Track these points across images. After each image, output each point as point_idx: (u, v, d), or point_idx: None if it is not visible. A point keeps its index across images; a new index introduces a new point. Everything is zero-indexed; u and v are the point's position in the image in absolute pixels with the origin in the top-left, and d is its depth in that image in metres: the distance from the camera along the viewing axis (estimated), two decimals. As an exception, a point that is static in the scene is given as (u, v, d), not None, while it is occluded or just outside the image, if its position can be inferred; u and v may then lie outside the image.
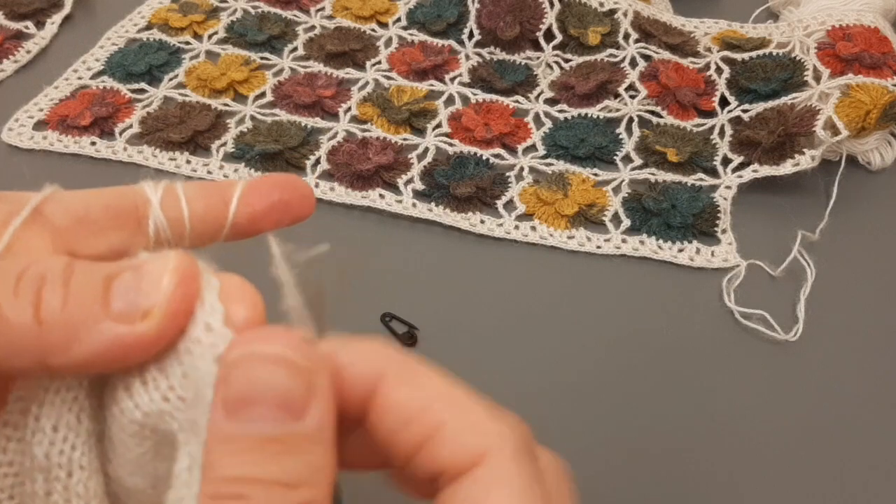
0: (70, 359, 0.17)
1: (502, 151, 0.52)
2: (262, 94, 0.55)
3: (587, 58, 0.57)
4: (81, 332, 0.17)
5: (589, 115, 0.54)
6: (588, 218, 0.48)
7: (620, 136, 0.53)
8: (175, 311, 0.17)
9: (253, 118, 0.53)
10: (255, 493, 0.16)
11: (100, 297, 0.17)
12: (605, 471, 0.38)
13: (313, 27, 0.60)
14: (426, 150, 0.51)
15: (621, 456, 0.38)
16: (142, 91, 0.55)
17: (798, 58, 0.54)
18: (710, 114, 0.54)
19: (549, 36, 0.58)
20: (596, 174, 0.51)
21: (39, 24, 0.59)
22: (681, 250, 0.47)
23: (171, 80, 0.56)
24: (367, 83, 0.56)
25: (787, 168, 0.49)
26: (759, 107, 0.53)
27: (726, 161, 0.51)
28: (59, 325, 0.17)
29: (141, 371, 0.18)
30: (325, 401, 0.17)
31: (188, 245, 0.22)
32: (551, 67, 0.57)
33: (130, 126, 0.52)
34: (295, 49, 0.58)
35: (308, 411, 0.16)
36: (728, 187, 0.50)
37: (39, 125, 0.52)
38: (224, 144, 0.51)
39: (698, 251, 0.47)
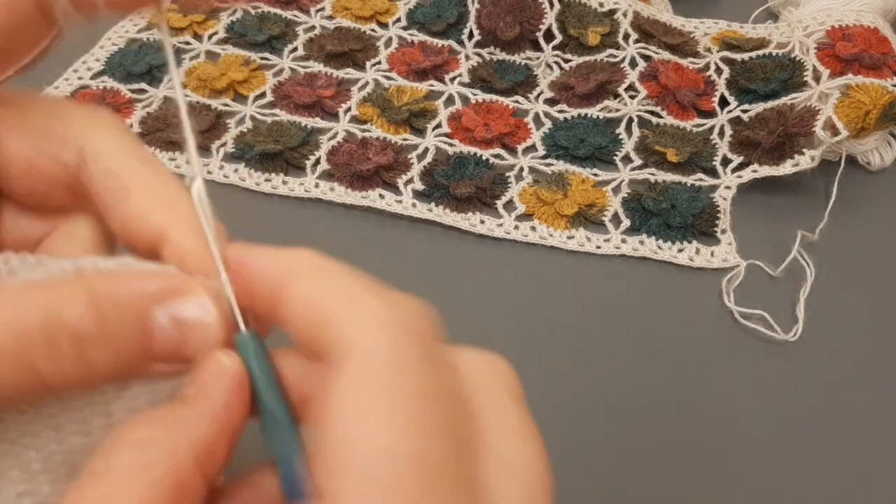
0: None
1: (502, 151, 0.52)
2: (262, 95, 0.55)
3: (587, 58, 0.57)
4: (126, 374, 0.18)
5: (589, 116, 0.54)
6: (588, 218, 0.48)
7: (620, 137, 0.53)
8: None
9: (253, 118, 0.53)
10: None
11: (144, 344, 0.18)
12: (604, 469, 0.38)
13: (313, 27, 0.60)
14: (426, 150, 0.51)
15: (620, 455, 0.38)
16: (142, 91, 0.55)
17: (798, 58, 0.54)
18: (710, 114, 0.54)
19: (548, 36, 0.58)
20: (596, 174, 0.51)
21: (39, 25, 0.59)
22: (680, 250, 0.47)
23: (171, 80, 0.56)
24: (367, 83, 0.56)
25: (786, 168, 0.49)
26: (758, 107, 0.53)
27: (726, 161, 0.51)
28: (108, 376, 0.18)
29: None
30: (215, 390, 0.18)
31: (106, 7, 0.20)
32: (551, 68, 0.58)
33: (130, 126, 0.52)
34: (295, 49, 0.58)
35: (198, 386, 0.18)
36: (728, 187, 0.50)
37: (39, 125, 0.52)
38: (224, 144, 0.51)
39: (698, 251, 0.47)
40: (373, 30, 0.60)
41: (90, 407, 0.18)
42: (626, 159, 0.52)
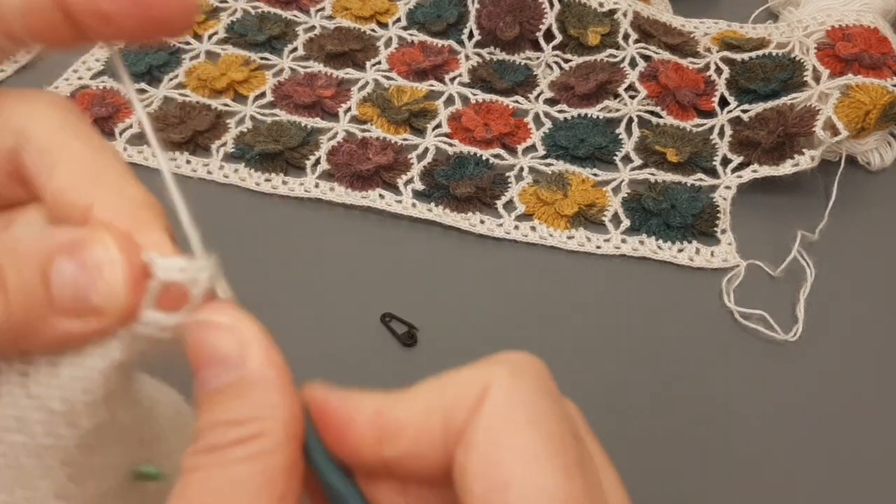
0: (23, 350, 0.18)
1: (502, 151, 0.52)
2: (262, 95, 0.55)
3: (587, 58, 0.57)
4: (29, 330, 0.17)
5: (589, 116, 0.54)
6: (588, 218, 0.48)
7: (620, 137, 0.53)
8: (130, 307, 0.18)
9: (253, 118, 0.53)
10: (207, 434, 0.17)
11: (42, 293, 0.17)
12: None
13: (313, 27, 0.60)
14: (426, 150, 0.51)
15: (620, 454, 0.38)
16: (142, 91, 0.55)
17: (798, 58, 0.54)
18: (710, 114, 0.54)
19: (548, 36, 0.58)
20: (596, 174, 0.51)
21: (39, 25, 0.59)
22: (680, 250, 0.47)
23: (171, 80, 0.56)
24: (366, 83, 0.56)
25: (786, 168, 0.49)
26: (758, 107, 0.53)
27: (726, 161, 0.51)
28: (5, 330, 0.17)
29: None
30: (259, 350, 0.18)
31: (14, 49, 0.19)
32: (551, 68, 0.58)
33: (130, 126, 0.52)
34: (295, 49, 0.58)
35: (245, 361, 0.18)
36: (728, 187, 0.50)
37: (39, 125, 0.52)
38: (224, 144, 0.51)
39: (698, 251, 0.47)
40: (373, 30, 0.60)
41: (26, 400, 0.18)
42: (626, 159, 0.52)
